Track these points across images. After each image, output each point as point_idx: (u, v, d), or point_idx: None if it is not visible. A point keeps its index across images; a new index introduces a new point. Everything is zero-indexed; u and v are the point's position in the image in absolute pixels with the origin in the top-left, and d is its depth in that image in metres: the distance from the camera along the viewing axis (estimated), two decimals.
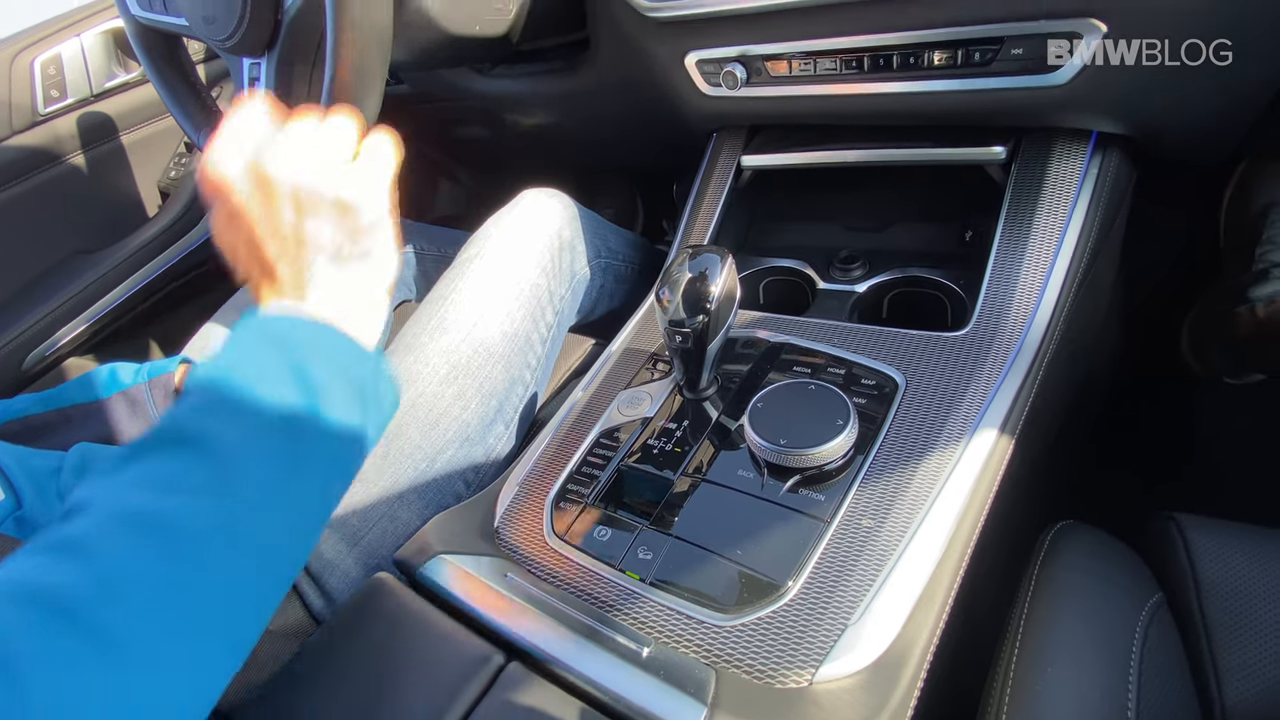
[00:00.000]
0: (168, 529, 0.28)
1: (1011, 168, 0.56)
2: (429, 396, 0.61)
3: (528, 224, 0.72)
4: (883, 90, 0.55)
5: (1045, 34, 0.45)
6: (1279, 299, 0.81)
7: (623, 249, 0.86)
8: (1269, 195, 0.83)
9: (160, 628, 0.27)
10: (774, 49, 0.59)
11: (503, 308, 0.66)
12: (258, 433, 0.32)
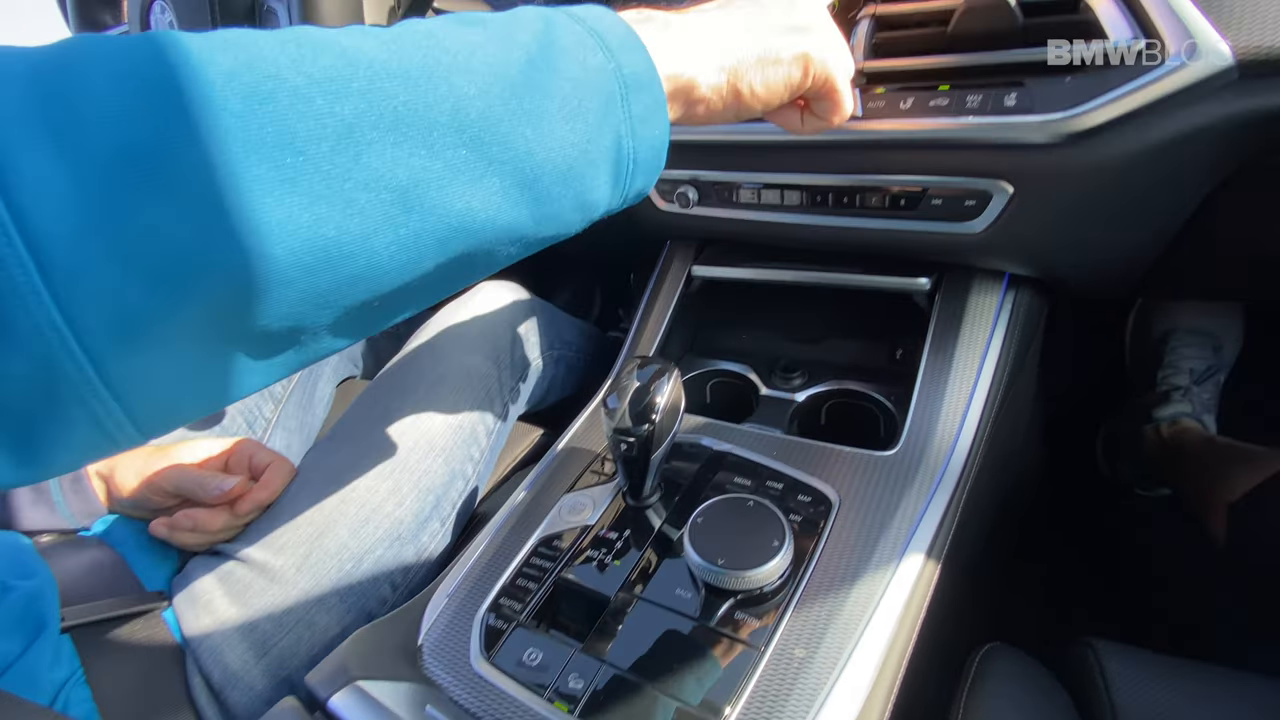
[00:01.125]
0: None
1: (935, 298, 0.61)
2: (362, 491, 0.58)
3: (482, 314, 0.73)
4: (820, 222, 0.60)
5: (962, 189, 0.51)
6: (1181, 420, 0.88)
7: (575, 339, 0.87)
8: (1167, 323, 0.92)
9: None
10: (722, 177, 0.63)
11: (449, 398, 0.65)
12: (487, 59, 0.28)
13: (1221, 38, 0.38)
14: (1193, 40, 0.39)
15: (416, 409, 0.64)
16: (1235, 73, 0.39)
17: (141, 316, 0.21)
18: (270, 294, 0.23)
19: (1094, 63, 0.43)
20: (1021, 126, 0.44)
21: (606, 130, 0.31)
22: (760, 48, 0.36)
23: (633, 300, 1.40)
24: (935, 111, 0.48)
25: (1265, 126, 0.41)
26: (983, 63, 0.46)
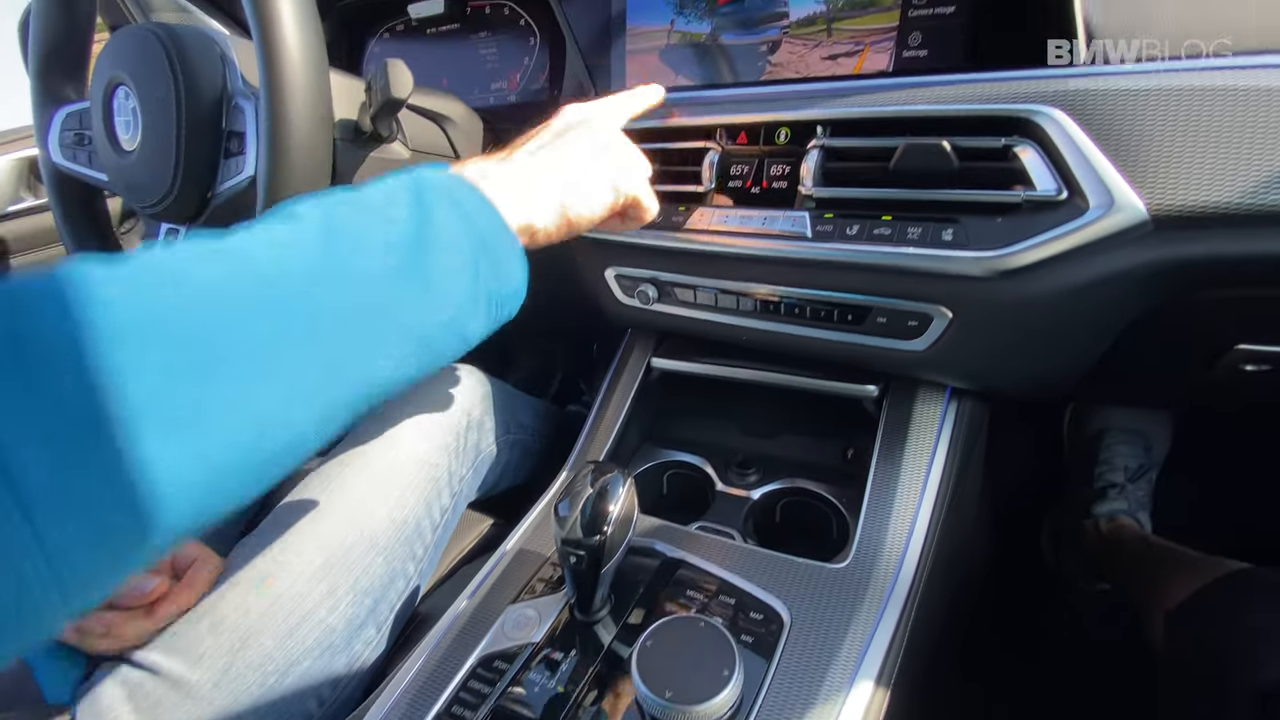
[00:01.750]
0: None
1: (883, 403, 0.63)
2: (293, 596, 0.55)
3: (435, 399, 0.71)
4: (773, 328, 0.62)
5: (905, 310, 0.53)
6: (1118, 517, 0.91)
7: (532, 422, 0.86)
8: (1101, 422, 0.97)
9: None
10: (680, 279, 0.65)
11: (395, 491, 0.63)
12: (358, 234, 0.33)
13: (1136, 195, 0.42)
14: (1110, 195, 0.42)
15: (358, 502, 0.61)
16: (1150, 225, 0.42)
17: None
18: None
19: (1022, 207, 0.46)
20: (958, 260, 0.47)
21: (478, 284, 0.37)
22: (579, 181, 0.45)
23: (595, 371, 1.41)
24: (879, 239, 0.51)
25: (1179, 272, 0.45)
26: (922, 199, 0.49)
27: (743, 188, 0.60)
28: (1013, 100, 0.45)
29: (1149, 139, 0.42)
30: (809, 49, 0.57)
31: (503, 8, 0.83)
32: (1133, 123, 0.42)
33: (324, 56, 0.49)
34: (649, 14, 0.65)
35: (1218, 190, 0.40)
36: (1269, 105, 0.39)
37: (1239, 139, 0.40)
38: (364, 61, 0.96)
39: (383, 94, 0.56)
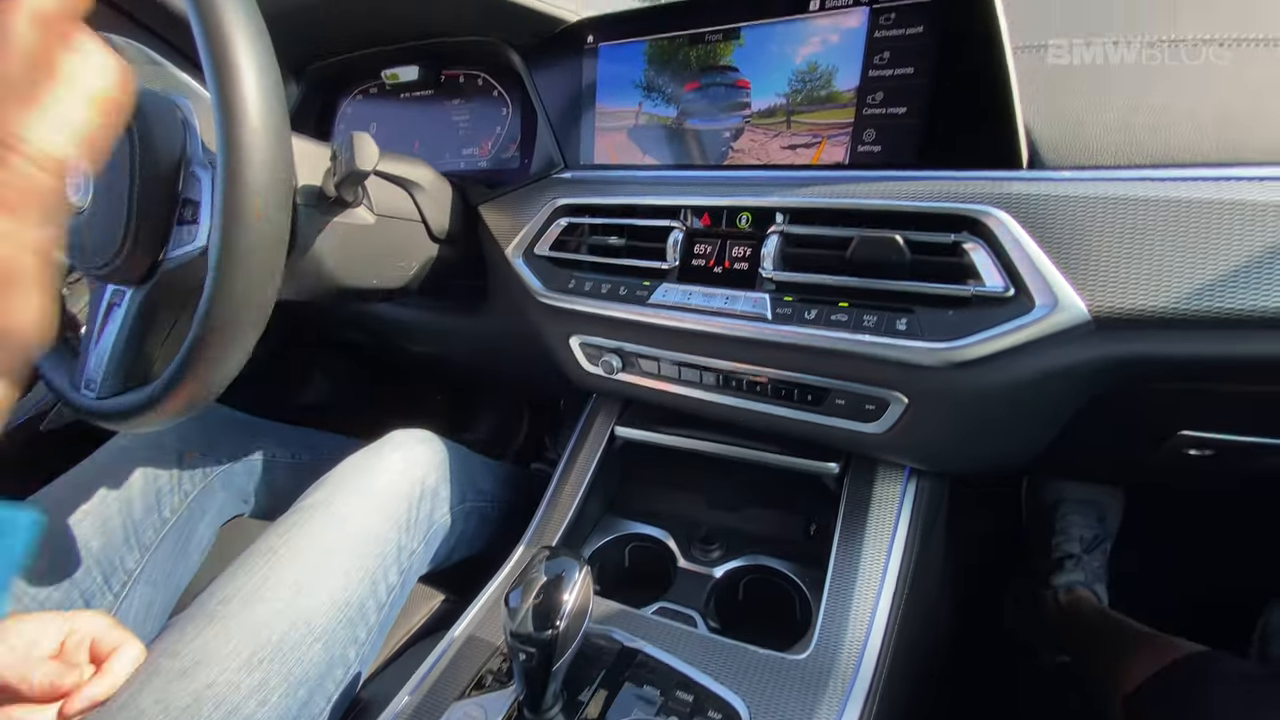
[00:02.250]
0: None
1: (844, 481, 0.63)
2: (221, 687, 0.51)
3: (389, 471, 0.69)
4: (735, 403, 0.62)
5: (862, 394, 0.54)
6: (1076, 589, 0.92)
7: (491, 488, 0.84)
8: (1056, 493, 0.99)
9: None
10: (645, 351, 0.65)
11: (338, 571, 0.60)
12: None
13: (1079, 296, 0.43)
14: (1054, 295, 0.44)
15: (297, 584, 0.57)
16: (1092, 325, 0.44)
17: None
18: None
19: (972, 301, 0.47)
20: (912, 350, 0.48)
21: None
22: None
23: (561, 427, 1.39)
24: (836, 325, 0.51)
25: (1122, 368, 0.46)
26: (877, 288, 0.50)
27: (705, 266, 0.61)
28: (961, 200, 0.47)
29: (1088, 244, 0.44)
30: (770, 138, 0.59)
31: (477, 78, 0.85)
32: (1073, 227, 0.44)
33: (286, 126, 0.48)
34: (618, 96, 0.67)
35: (1154, 295, 0.42)
36: (1198, 216, 0.42)
37: (1172, 248, 0.42)
38: (335, 121, 0.96)
39: (347, 165, 0.56)
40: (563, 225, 0.69)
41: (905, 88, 0.51)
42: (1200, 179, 0.42)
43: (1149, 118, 0.45)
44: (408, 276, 0.74)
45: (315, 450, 0.98)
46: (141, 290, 0.58)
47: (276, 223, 0.48)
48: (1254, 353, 0.42)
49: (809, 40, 0.55)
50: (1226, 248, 0.41)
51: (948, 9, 0.48)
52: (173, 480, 0.79)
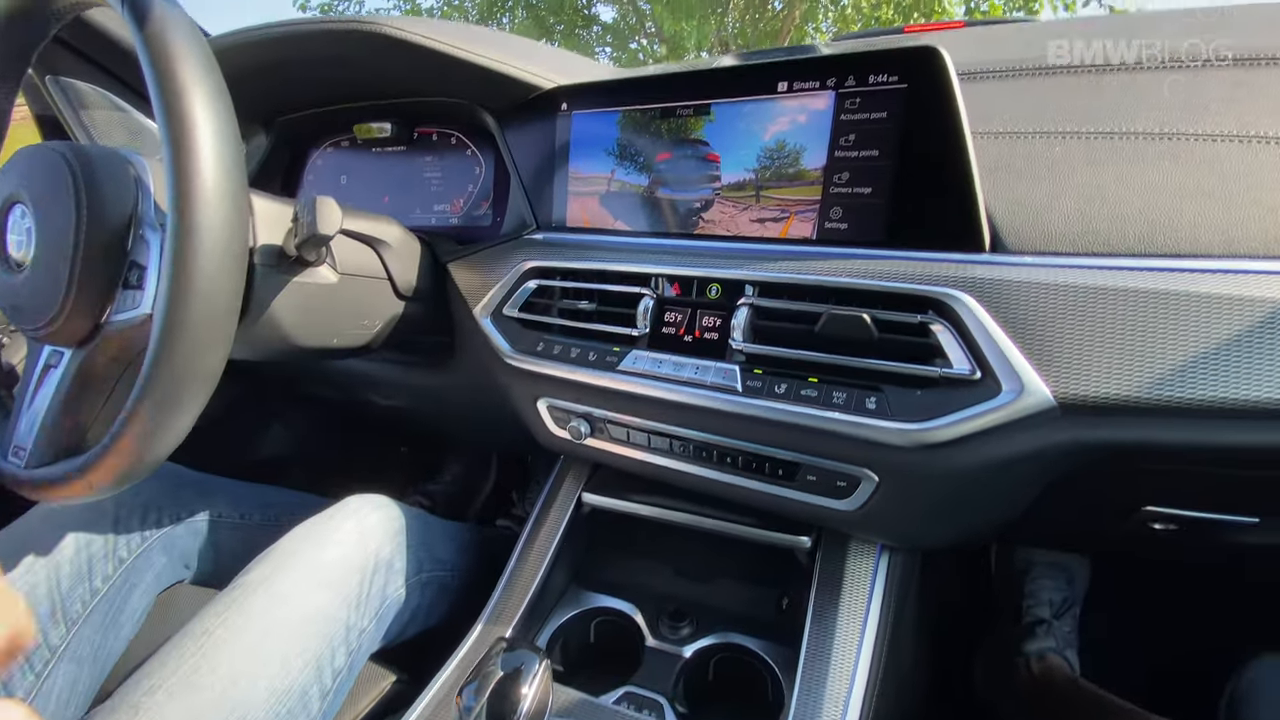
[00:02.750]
0: None
1: (816, 555, 0.61)
2: None
3: (340, 543, 0.65)
4: (706, 474, 0.60)
5: (833, 470, 0.53)
6: (1047, 656, 0.90)
7: (452, 556, 0.80)
8: (1025, 558, 0.98)
9: None
10: (615, 418, 0.64)
11: (278, 657, 0.55)
12: None
13: (1044, 382, 0.44)
14: (1020, 381, 0.44)
15: (233, 672, 0.53)
16: (1058, 411, 0.44)
17: None
18: None
19: (940, 381, 0.47)
20: (882, 430, 0.48)
21: None
22: None
23: (529, 481, 1.35)
24: (806, 401, 0.51)
25: (1090, 452, 0.47)
26: (846, 365, 0.50)
27: (676, 334, 0.60)
28: (926, 282, 0.48)
29: (1051, 330, 0.44)
30: (739, 210, 0.59)
31: (450, 136, 0.85)
32: (1036, 313, 0.45)
33: (242, 192, 0.47)
34: (591, 162, 0.68)
35: (1116, 383, 0.42)
36: (1156, 307, 0.43)
37: (1132, 337, 0.43)
38: (305, 173, 0.95)
39: (308, 229, 0.55)
40: (533, 287, 0.68)
41: (870, 169, 0.52)
42: (1156, 270, 0.44)
43: (1105, 208, 0.46)
44: (371, 335, 0.72)
45: (270, 509, 0.93)
46: (81, 352, 0.55)
47: (227, 291, 0.46)
48: (1217, 441, 0.42)
49: (777, 119, 0.56)
50: (1185, 338, 0.41)
51: (910, 97, 0.50)
52: (107, 545, 0.73)
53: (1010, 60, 0.58)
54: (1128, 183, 0.47)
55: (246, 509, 0.90)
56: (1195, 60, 0.52)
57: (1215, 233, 0.44)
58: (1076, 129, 0.51)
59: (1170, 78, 0.52)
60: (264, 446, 1.35)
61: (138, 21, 0.46)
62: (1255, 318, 0.41)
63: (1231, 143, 0.46)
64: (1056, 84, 0.55)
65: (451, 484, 1.43)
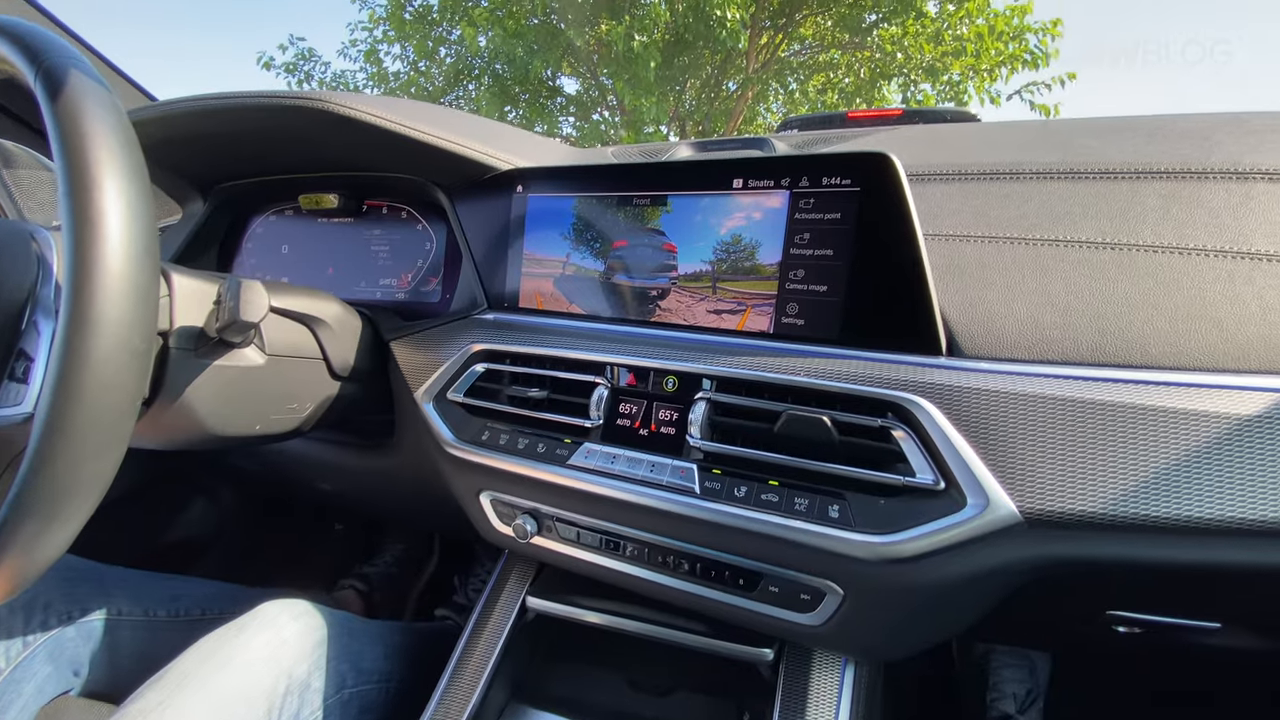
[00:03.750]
0: None
1: (780, 668, 0.57)
2: None
3: (249, 664, 0.57)
4: (663, 581, 0.56)
5: (796, 582, 0.50)
6: None
7: (379, 665, 0.72)
8: (986, 645, 0.96)
9: None
10: (564, 515, 0.59)
11: None
12: None
13: (1008, 496, 0.42)
14: (985, 494, 0.42)
15: None
16: (1025, 525, 0.42)
17: None
18: None
19: (904, 488, 0.45)
20: (846, 542, 0.45)
21: None
22: None
23: (473, 564, 1.26)
24: (767, 506, 0.48)
25: (1054, 565, 0.45)
26: (808, 469, 0.48)
27: (631, 427, 0.57)
28: (885, 385, 0.47)
29: (1011, 440, 0.43)
30: (696, 301, 0.58)
31: (400, 210, 0.82)
32: (995, 422, 0.44)
33: (151, 280, 0.42)
34: (546, 245, 0.66)
35: (1081, 499, 0.41)
36: (1112, 419, 0.42)
37: (1089, 450, 0.42)
38: (244, 239, 0.91)
39: (230, 314, 0.50)
40: (480, 371, 0.65)
41: (826, 268, 0.52)
42: (1108, 380, 0.43)
43: (1057, 316, 0.46)
44: (300, 419, 0.66)
45: (178, 603, 0.83)
46: None
47: (123, 391, 0.41)
48: (1178, 559, 0.41)
49: (733, 214, 0.55)
50: (1140, 453, 0.41)
51: (864, 199, 0.50)
52: None
53: (956, 164, 0.60)
54: (1076, 291, 0.47)
55: (151, 604, 0.81)
56: (1130, 171, 0.54)
57: (1163, 344, 0.44)
58: (1024, 235, 0.52)
59: (1108, 188, 0.54)
60: (178, 527, 1.23)
61: (50, 93, 0.42)
62: (1206, 433, 0.40)
63: (1171, 254, 0.48)
64: (1001, 189, 0.57)
65: (390, 565, 1.33)
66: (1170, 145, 0.57)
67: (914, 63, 6.92)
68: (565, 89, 8.74)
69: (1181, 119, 0.63)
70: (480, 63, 8.16)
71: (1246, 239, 0.47)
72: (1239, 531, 0.39)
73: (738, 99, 7.93)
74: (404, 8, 8.12)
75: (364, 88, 8.47)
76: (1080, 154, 0.58)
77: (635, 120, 6.80)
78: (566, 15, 6.53)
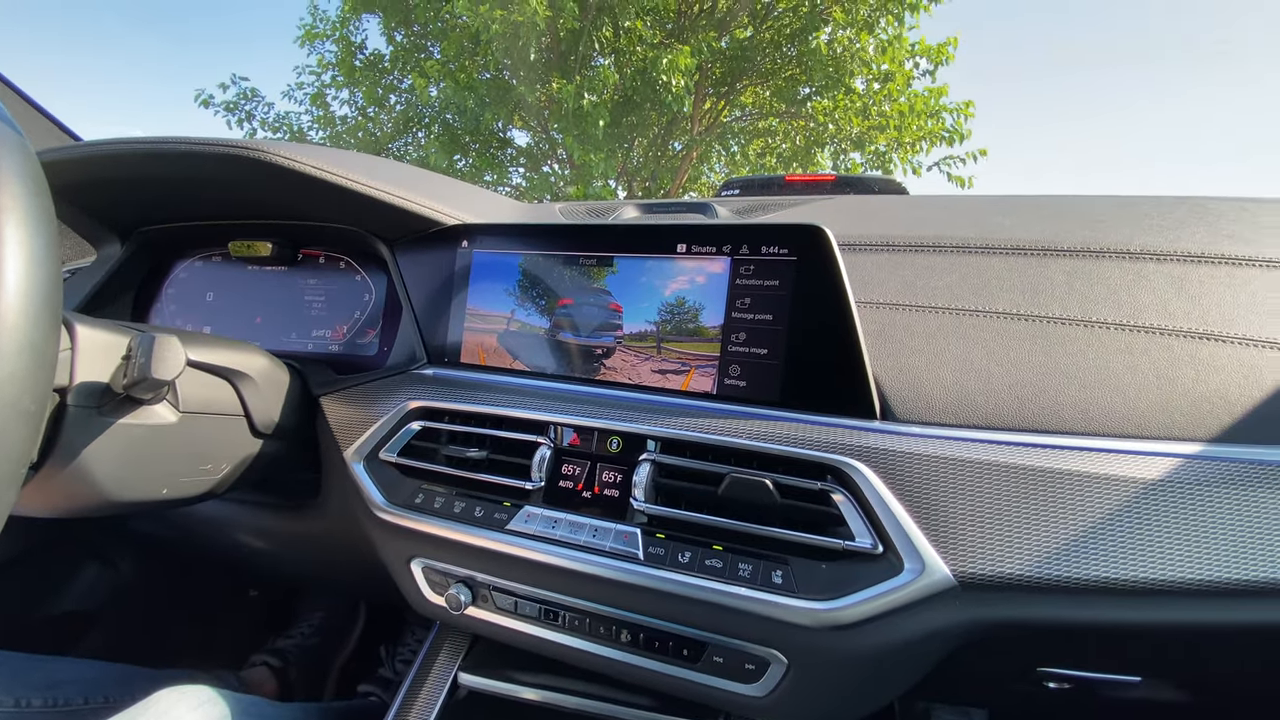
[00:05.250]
0: None
1: None
2: None
3: None
4: (602, 653, 0.54)
5: (741, 651, 0.49)
6: None
7: None
8: (926, 701, 0.96)
9: None
10: (499, 584, 0.57)
11: None
12: None
13: (942, 559, 0.43)
14: (921, 558, 0.43)
15: None
16: (959, 588, 0.43)
17: None
18: None
19: (844, 553, 0.46)
20: (790, 609, 0.45)
21: None
22: None
23: (401, 633, 1.18)
24: (711, 573, 0.47)
25: (987, 628, 0.46)
26: (751, 533, 0.48)
27: (574, 489, 0.56)
28: (824, 449, 0.48)
29: (944, 503, 0.45)
30: (641, 360, 0.58)
31: (339, 260, 0.80)
32: (928, 485, 0.45)
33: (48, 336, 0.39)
34: (491, 300, 0.65)
35: (1010, 562, 0.43)
36: (1033, 483, 0.44)
37: (1017, 513, 0.44)
38: (165, 285, 0.85)
39: (140, 371, 0.47)
40: (416, 429, 0.62)
41: (766, 332, 0.53)
42: (1027, 445, 0.46)
43: (979, 382, 0.49)
44: (213, 481, 0.61)
45: (59, 690, 0.73)
46: None
47: (6, 457, 0.37)
48: (1100, 619, 0.43)
49: (677, 277, 0.57)
50: (1061, 516, 0.43)
51: (801, 267, 0.52)
52: None
53: (885, 235, 0.64)
54: (996, 358, 0.50)
55: (25, 691, 0.71)
56: (1038, 248, 0.59)
57: (1074, 410, 0.47)
58: (947, 305, 0.55)
59: (1020, 262, 0.58)
60: (62, 597, 1.10)
61: None
62: (1115, 497, 0.43)
63: (1077, 326, 0.51)
64: (926, 260, 0.60)
65: (309, 636, 1.22)
66: (1071, 225, 0.62)
67: (844, 133, 7.45)
68: (516, 141, 8.89)
69: (1081, 200, 0.70)
70: (431, 112, 8.22)
71: (1141, 313, 0.52)
72: (1146, 592, 0.41)
73: (683, 158, 8.28)
74: (355, 55, 8.15)
75: (309, 130, 8.34)
76: (994, 230, 0.63)
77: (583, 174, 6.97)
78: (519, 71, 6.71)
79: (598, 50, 6.68)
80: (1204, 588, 0.40)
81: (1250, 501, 0.42)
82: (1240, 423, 0.45)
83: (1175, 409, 0.46)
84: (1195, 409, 0.46)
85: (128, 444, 0.52)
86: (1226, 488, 0.42)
